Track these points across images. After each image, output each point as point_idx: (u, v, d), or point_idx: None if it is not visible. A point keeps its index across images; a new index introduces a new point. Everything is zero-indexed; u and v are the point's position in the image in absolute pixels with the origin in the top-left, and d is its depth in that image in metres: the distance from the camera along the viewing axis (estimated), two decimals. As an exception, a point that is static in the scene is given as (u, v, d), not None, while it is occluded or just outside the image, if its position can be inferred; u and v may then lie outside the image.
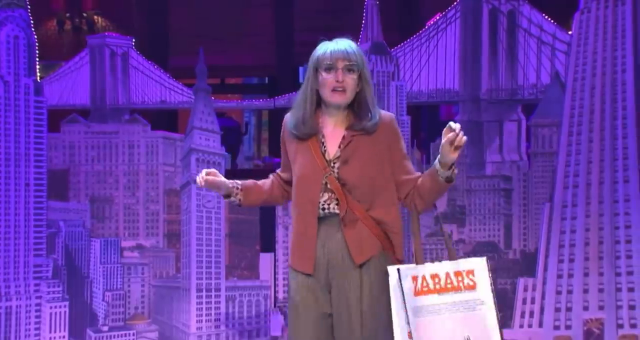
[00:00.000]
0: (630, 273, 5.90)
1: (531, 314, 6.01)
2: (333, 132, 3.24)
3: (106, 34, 6.91)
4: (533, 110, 6.31)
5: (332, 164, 3.20)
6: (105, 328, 6.03)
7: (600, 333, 5.91)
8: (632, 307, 5.88)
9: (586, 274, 5.97)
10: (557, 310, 5.98)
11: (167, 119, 7.82)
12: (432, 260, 3.10)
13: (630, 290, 5.89)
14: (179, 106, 6.81)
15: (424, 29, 6.51)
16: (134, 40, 6.69)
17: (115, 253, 6.11)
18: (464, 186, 6.30)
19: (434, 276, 3.03)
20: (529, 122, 6.33)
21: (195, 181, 3.29)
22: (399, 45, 6.45)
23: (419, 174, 3.29)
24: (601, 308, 5.92)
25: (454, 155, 3.07)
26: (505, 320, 6.07)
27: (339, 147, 3.21)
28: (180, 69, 7.34)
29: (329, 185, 3.18)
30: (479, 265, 3.05)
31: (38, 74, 6.09)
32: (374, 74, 6.27)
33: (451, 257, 3.10)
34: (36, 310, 5.90)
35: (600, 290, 5.93)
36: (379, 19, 6.38)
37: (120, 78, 6.57)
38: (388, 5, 6.98)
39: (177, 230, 6.21)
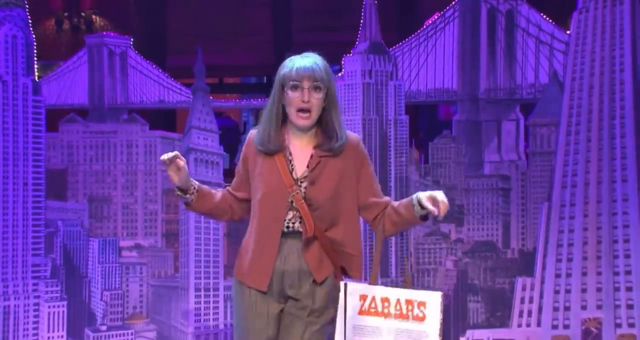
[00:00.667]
0: (628, 272, 5.90)
1: (529, 314, 6.01)
2: (301, 149, 3.22)
3: (104, 33, 6.90)
4: (531, 109, 6.31)
5: (299, 183, 3.18)
6: (104, 328, 6.03)
7: (598, 332, 5.91)
8: (630, 307, 5.88)
9: (584, 274, 5.97)
10: (555, 309, 5.98)
11: (165, 119, 7.81)
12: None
13: (629, 289, 5.89)
14: (178, 106, 6.81)
15: (422, 29, 6.51)
16: (132, 39, 6.69)
17: (113, 253, 6.11)
18: (462, 186, 6.30)
19: (384, 300, 3.01)
20: (527, 122, 6.33)
21: (167, 161, 3.21)
22: (397, 45, 6.45)
23: (387, 198, 3.29)
24: (599, 307, 5.92)
25: (440, 213, 3.13)
26: (503, 320, 6.08)
27: (307, 167, 3.20)
28: (178, 69, 7.34)
29: (294, 204, 3.16)
30: (433, 299, 3.00)
31: (36, 74, 6.08)
32: (372, 74, 6.28)
33: (407, 284, 3.12)
34: (34, 310, 5.90)
35: (599, 290, 5.94)
36: (378, 18, 6.38)
37: (119, 77, 6.56)
38: (386, 4, 6.98)
39: (176, 230, 6.21)
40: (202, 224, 6.06)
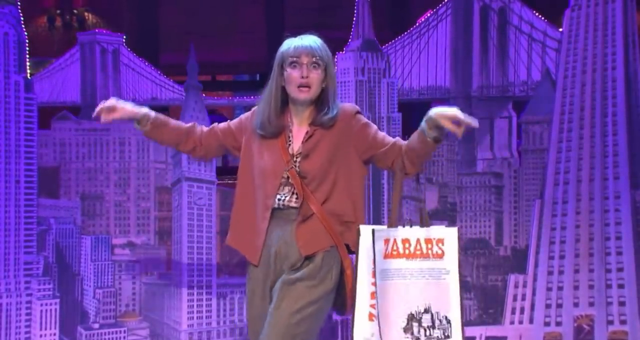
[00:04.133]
0: (620, 269, 5.92)
1: (522, 311, 6.03)
2: (299, 128, 3.27)
3: (97, 30, 6.88)
4: (524, 107, 6.32)
5: (294, 158, 3.22)
6: (96, 325, 6.02)
7: (590, 329, 5.93)
8: (622, 304, 5.90)
9: (576, 271, 5.99)
10: (548, 306, 6.00)
11: (158, 116, 7.78)
12: (404, 225, 3.12)
13: (620, 286, 5.91)
14: (170, 103, 6.80)
15: (414, 26, 6.51)
16: (124, 37, 6.68)
17: (106, 250, 6.10)
18: (454, 183, 6.31)
19: (405, 241, 3.04)
20: (520, 119, 6.34)
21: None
22: (390, 42, 6.45)
23: (396, 139, 3.31)
24: (591, 304, 5.94)
25: (456, 131, 3.15)
26: (495, 317, 6.09)
27: (302, 142, 3.24)
28: (171, 66, 7.33)
29: (290, 180, 3.20)
30: (450, 235, 3.06)
31: (28, 71, 6.07)
32: (365, 71, 6.28)
33: (424, 224, 3.12)
34: (26, 308, 5.89)
35: (591, 287, 5.95)
36: (370, 16, 6.38)
37: (111, 75, 6.55)
38: (379, 2, 6.98)
39: (169, 228, 6.20)
40: (194, 222, 6.06)
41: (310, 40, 3.25)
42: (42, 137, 6.13)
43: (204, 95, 6.35)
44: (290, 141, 3.25)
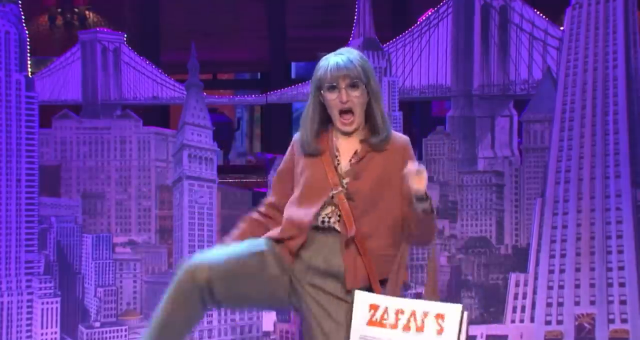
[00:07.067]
0: (621, 268, 5.92)
1: (523, 309, 6.03)
2: (347, 146, 3.10)
3: (98, 29, 6.89)
4: (525, 105, 6.32)
5: (342, 179, 3.05)
6: (97, 324, 6.03)
7: (591, 328, 5.92)
8: (623, 302, 5.90)
9: (578, 269, 5.98)
10: (549, 305, 6.00)
11: (159, 115, 7.81)
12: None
13: (622, 285, 5.91)
14: (171, 102, 6.81)
15: (416, 25, 6.51)
16: (125, 35, 6.68)
17: (107, 249, 6.11)
18: (456, 182, 6.30)
19: (398, 311, 2.90)
20: (521, 118, 6.34)
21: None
22: (391, 41, 6.45)
23: None
24: (592, 303, 5.94)
25: (418, 186, 2.89)
26: (496, 316, 6.09)
27: (350, 161, 3.07)
28: (172, 65, 7.33)
29: (334, 199, 3.03)
30: (453, 312, 2.86)
31: (29, 70, 6.07)
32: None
33: (429, 297, 2.96)
34: (28, 307, 5.89)
35: (592, 285, 5.95)
36: (371, 14, 6.38)
37: (112, 74, 6.55)
38: (380, 0, 6.98)
39: (170, 226, 6.20)
40: (195, 221, 6.06)
41: (345, 58, 3.04)
42: (43, 136, 6.13)
43: (205, 93, 6.35)
44: (338, 160, 3.07)
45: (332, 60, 3.06)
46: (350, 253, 3.02)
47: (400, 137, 3.14)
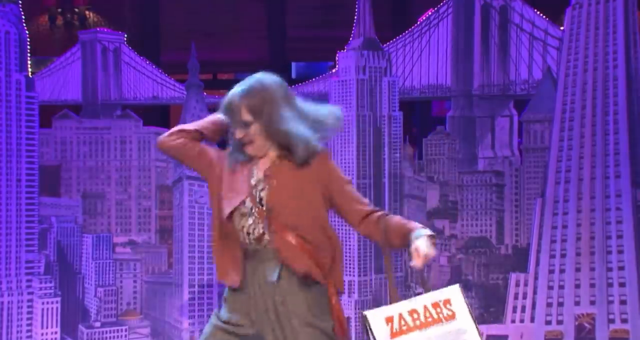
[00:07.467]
0: (621, 268, 5.92)
1: (523, 309, 6.03)
2: (267, 157, 3.14)
3: (98, 29, 6.89)
4: (525, 105, 6.32)
5: (256, 188, 3.09)
6: (98, 324, 6.03)
7: (591, 328, 5.93)
8: (623, 302, 5.90)
9: (578, 269, 5.99)
10: (549, 305, 6.00)
11: (159, 115, 7.80)
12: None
13: (622, 285, 5.91)
14: (171, 102, 6.81)
15: (416, 25, 6.51)
16: (125, 35, 6.68)
17: (107, 249, 6.11)
18: (456, 182, 6.31)
19: (412, 312, 2.92)
20: (521, 118, 6.34)
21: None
22: (391, 41, 6.45)
23: (372, 207, 3.15)
24: (592, 303, 5.94)
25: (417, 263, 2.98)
26: (497, 316, 6.09)
27: (265, 171, 3.11)
28: (172, 65, 7.33)
29: (253, 210, 3.07)
30: (454, 293, 2.96)
31: (29, 70, 6.07)
32: (366, 70, 6.27)
33: (425, 289, 3.01)
34: (28, 306, 5.89)
35: (592, 285, 5.95)
36: (371, 14, 6.38)
37: (112, 74, 6.55)
38: (380, 0, 6.98)
39: (170, 226, 6.21)
40: (196, 221, 6.06)
41: (234, 96, 3.08)
42: (43, 136, 6.13)
43: (205, 93, 6.35)
44: (255, 171, 3.10)
45: (227, 97, 3.09)
46: (282, 244, 3.04)
47: (316, 149, 3.11)
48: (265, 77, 3.16)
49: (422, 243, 2.98)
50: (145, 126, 6.35)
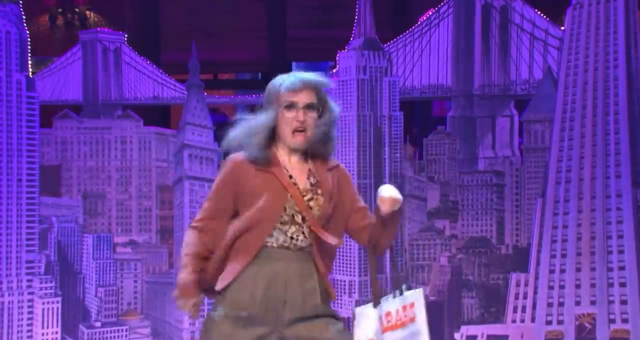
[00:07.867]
0: (622, 268, 5.92)
1: (523, 309, 6.03)
2: (296, 163, 3.07)
3: (98, 29, 6.89)
4: (525, 105, 6.32)
5: (303, 195, 3.02)
6: (98, 324, 6.03)
7: (592, 328, 5.93)
8: (623, 302, 5.90)
9: (578, 269, 5.99)
10: (550, 305, 6.00)
11: (159, 115, 7.80)
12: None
13: (622, 285, 5.91)
14: (172, 102, 6.81)
15: (416, 25, 6.51)
16: (126, 35, 6.68)
17: (107, 249, 6.11)
18: (456, 182, 6.31)
19: (387, 314, 3.00)
20: (522, 118, 6.34)
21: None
22: (391, 41, 6.45)
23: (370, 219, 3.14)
24: (593, 303, 5.94)
25: (385, 209, 2.95)
26: (497, 315, 6.09)
27: (308, 178, 3.05)
28: (172, 65, 7.33)
29: (295, 218, 3.01)
30: (418, 297, 2.99)
31: (30, 70, 6.07)
32: (367, 70, 6.27)
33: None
34: (28, 306, 5.89)
35: (592, 285, 5.95)
36: (372, 14, 6.38)
37: (113, 73, 6.56)
38: (381, 0, 6.98)
39: (170, 226, 6.21)
40: (196, 220, 6.06)
41: (305, 80, 3.03)
42: (43, 136, 6.13)
43: (205, 93, 6.35)
44: (292, 177, 3.03)
45: (292, 79, 3.04)
46: (322, 264, 3.06)
47: (334, 160, 3.16)
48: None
49: (384, 189, 2.95)
50: (145, 126, 6.35)
